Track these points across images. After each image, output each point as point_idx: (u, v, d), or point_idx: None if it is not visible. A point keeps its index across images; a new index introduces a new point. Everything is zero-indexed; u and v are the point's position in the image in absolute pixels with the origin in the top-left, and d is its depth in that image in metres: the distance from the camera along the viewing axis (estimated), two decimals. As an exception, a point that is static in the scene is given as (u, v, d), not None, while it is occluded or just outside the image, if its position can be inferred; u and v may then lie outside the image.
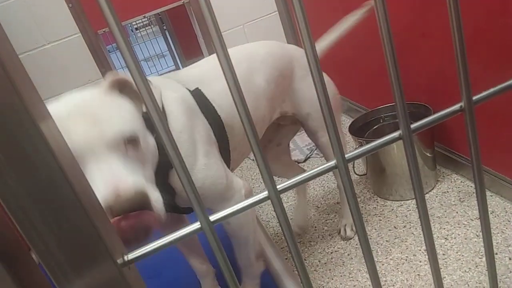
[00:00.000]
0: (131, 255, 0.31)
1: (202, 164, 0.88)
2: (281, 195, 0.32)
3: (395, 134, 0.33)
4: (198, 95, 0.95)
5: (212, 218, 0.30)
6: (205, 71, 1.04)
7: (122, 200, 0.62)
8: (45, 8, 2.12)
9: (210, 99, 0.96)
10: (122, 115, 0.72)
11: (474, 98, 0.34)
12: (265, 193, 0.31)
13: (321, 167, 0.32)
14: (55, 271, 0.26)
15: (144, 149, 0.73)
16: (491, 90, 0.35)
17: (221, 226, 0.99)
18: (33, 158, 0.25)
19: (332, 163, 0.32)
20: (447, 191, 1.48)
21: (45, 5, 2.11)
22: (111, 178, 0.64)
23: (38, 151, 0.25)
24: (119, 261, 0.29)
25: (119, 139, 0.68)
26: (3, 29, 0.28)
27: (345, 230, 1.46)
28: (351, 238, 1.44)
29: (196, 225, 0.31)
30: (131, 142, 0.70)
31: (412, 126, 0.33)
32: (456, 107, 0.34)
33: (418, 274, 1.19)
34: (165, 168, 0.84)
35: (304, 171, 1.61)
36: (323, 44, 1.32)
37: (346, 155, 0.32)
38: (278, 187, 0.32)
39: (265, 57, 1.13)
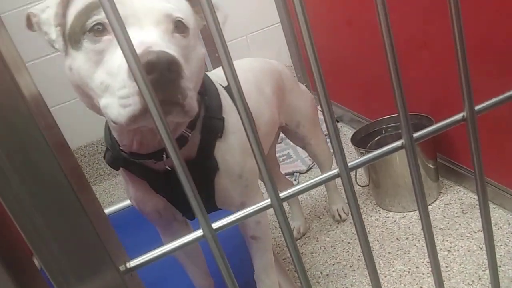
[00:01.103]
0: (133, 263, 0.31)
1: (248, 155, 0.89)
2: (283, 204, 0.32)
3: (398, 143, 0.33)
4: (231, 91, 0.96)
5: (215, 225, 0.30)
6: None
7: (151, 51, 0.56)
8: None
9: None
10: (178, 3, 0.70)
11: (477, 108, 0.34)
12: (267, 201, 0.31)
13: (323, 176, 0.32)
14: (57, 277, 0.26)
15: (191, 47, 0.69)
16: (494, 100, 0.35)
17: (226, 233, 0.98)
18: (38, 165, 0.25)
19: (334, 171, 0.32)
20: (450, 203, 1.47)
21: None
22: (148, 40, 0.60)
23: (43, 157, 0.25)
24: (121, 268, 0.29)
25: (166, 16, 0.65)
26: (11, 38, 0.29)
27: (339, 214, 1.56)
28: (345, 220, 1.56)
29: (199, 233, 0.31)
30: (180, 28, 0.67)
31: (415, 135, 0.33)
32: (458, 116, 0.34)
33: (421, 287, 1.18)
34: (213, 136, 0.82)
35: (292, 184, 1.63)
36: None
37: (348, 164, 0.32)
38: (280, 195, 0.32)
39: (262, 70, 1.16)
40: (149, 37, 0.61)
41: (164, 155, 0.77)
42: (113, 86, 0.60)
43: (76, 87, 0.69)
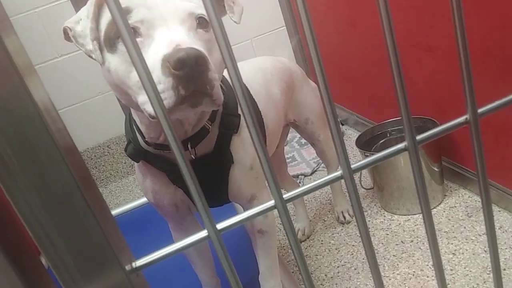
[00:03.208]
0: (139, 262, 0.31)
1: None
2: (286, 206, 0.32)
3: (401, 145, 0.34)
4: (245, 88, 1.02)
5: (220, 226, 0.31)
6: (243, 71, 1.12)
7: (180, 49, 0.62)
8: (57, 21, 2.16)
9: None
10: (198, 1, 0.75)
11: (479, 110, 0.34)
12: (271, 202, 0.32)
13: (327, 177, 0.33)
14: (64, 276, 0.27)
15: (213, 40, 0.73)
16: (497, 102, 0.35)
17: (231, 233, 0.99)
18: (46, 165, 0.26)
19: (338, 173, 0.32)
20: (455, 206, 1.47)
21: (57, 19, 2.16)
22: (176, 39, 0.65)
23: (51, 158, 0.26)
24: (127, 267, 0.30)
25: (189, 14, 0.70)
26: (21, 42, 0.29)
27: (343, 216, 1.58)
28: (350, 222, 1.57)
29: (203, 233, 0.31)
30: (202, 24, 0.72)
31: (418, 137, 0.33)
32: (461, 119, 0.34)
33: (426, 290, 1.18)
34: (230, 131, 0.87)
35: (298, 185, 1.65)
36: None
37: (352, 166, 0.32)
38: (284, 196, 0.32)
39: (273, 70, 1.19)
40: (177, 35, 0.67)
41: (188, 145, 0.83)
42: None
43: (115, 87, 0.75)
